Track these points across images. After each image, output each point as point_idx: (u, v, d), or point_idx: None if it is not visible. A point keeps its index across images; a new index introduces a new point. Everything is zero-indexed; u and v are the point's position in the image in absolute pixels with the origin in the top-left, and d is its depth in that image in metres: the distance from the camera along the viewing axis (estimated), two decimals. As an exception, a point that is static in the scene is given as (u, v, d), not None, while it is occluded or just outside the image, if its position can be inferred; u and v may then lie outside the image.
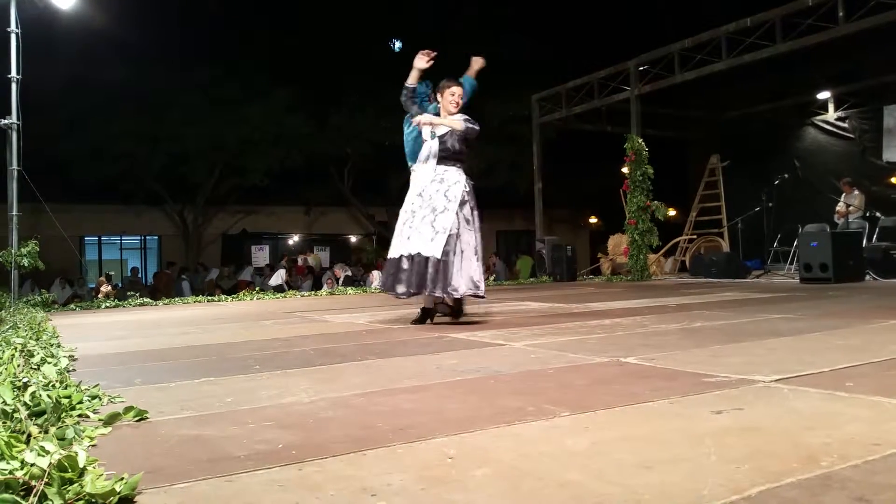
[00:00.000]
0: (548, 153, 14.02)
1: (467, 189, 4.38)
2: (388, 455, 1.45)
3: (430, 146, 4.46)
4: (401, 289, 4.26)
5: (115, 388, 2.30)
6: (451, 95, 4.42)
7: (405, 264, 4.27)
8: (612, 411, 1.78)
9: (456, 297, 4.29)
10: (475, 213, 4.40)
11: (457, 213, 4.26)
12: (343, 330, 4.27)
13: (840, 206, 9.95)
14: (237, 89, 17.66)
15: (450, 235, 4.21)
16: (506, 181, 19.61)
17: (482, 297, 4.35)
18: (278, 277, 13.90)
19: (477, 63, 4.82)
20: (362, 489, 1.23)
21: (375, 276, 12.57)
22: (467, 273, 4.22)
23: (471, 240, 4.29)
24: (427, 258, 4.20)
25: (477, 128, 4.46)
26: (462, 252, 4.23)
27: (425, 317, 4.43)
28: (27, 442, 1.44)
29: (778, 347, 2.83)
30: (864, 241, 8.85)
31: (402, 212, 4.50)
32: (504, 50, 18.88)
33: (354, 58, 18.07)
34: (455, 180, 4.36)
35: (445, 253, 4.18)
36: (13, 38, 8.00)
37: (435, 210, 4.28)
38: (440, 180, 4.36)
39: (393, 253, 4.40)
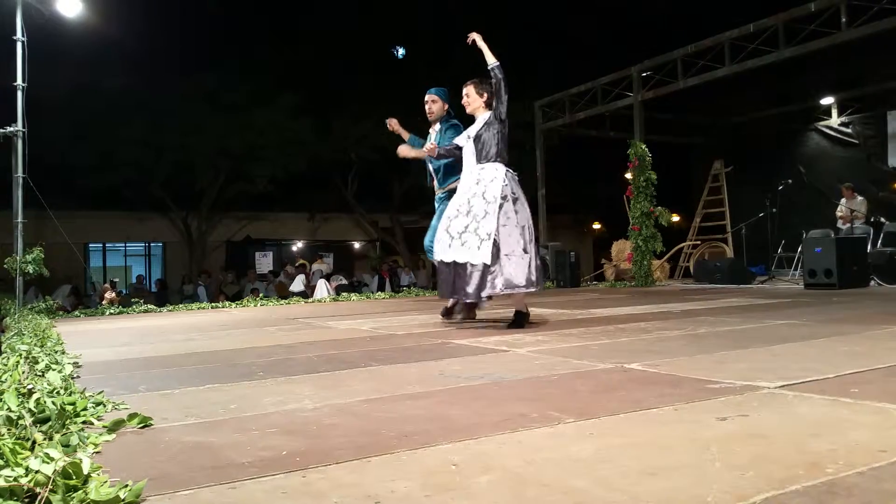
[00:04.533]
0: (551, 159, 14.03)
1: (506, 183, 4.29)
2: (393, 462, 1.45)
3: (469, 148, 4.47)
4: (445, 291, 4.40)
5: (119, 395, 2.31)
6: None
7: (450, 272, 4.30)
8: (616, 418, 1.77)
9: (518, 293, 4.24)
10: (519, 204, 4.31)
11: (497, 215, 4.19)
12: (347, 336, 4.27)
13: (841, 212, 9.93)
14: (241, 96, 17.73)
15: (495, 240, 4.15)
16: (509, 187, 19.60)
17: (535, 289, 4.29)
18: (299, 283, 13.92)
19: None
20: (366, 496, 1.23)
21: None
22: (521, 270, 4.18)
23: (517, 236, 4.22)
24: (475, 265, 4.16)
25: (451, 147, 4.63)
26: (512, 250, 4.18)
27: (469, 311, 4.70)
28: (32, 449, 1.45)
29: (783, 353, 2.83)
30: (869, 247, 8.83)
31: (445, 216, 4.44)
32: (507, 56, 18.95)
33: (358, 63, 18.12)
34: (491, 178, 4.30)
35: (495, 256, 4.13)
36: (19, 46, 8.04)
37: (477, 217, 4.21)
38: (476, 181, 4.33)
39: (444, 257, 4.35)
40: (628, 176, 10.67)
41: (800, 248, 9.07)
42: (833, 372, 2.28)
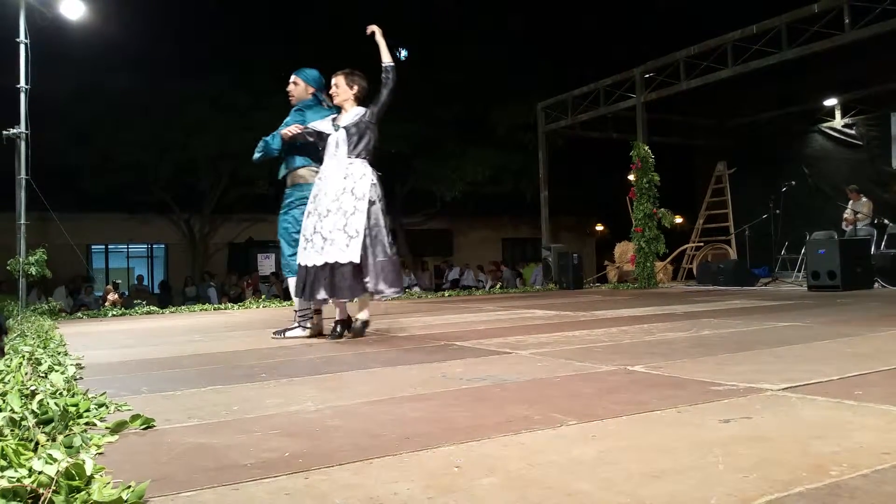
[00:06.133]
0: (554, 161, 14.03)
1: (374, 181, 4.17)
2: (395, 464, 1.44)
3: (336, 138, 4.22)
4: (321, 294, 4.04)
5: (121, 397, 2.31)
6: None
7: (321, 274, 4.03)
8: (619, 420, 1.77)
9: (384, 298, 4.17)
10: (382, 205, 4.19)
11: (367, 212, 4.06)
12: (349, 338, 4.27)
13: (847, 214, 9.91)
14: (243, 97, 17.75)
15: (364, 237, 4.01)
16: (512, 189, 19.62)
17: (398, 294, 4.23)
18: None
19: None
20: (369, 498, 1.23)
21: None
22: (389, 273, 4.06)
23: (385, 237, 4.11)
24: (344, 265, 3.97)
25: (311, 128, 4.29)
26: (379, 251, 4.06)
27: (344, 329, 4.24)
28: (35, 450, 1.45)
29: (786, 355, 2.82)
30: (873, 249, 8.81)
31: (307, 212, 4.22)
32: (510, 58, 18.97)
33: (359, 64, 18.16)
34: (361, 174, 4.14)
35: (363, 257, 3.99)
36: (22, 48, 8.06)
37: (346, 213, 4.04)
38: (344, 176, 4.13)
39: (304, 260, 4.11)
40: (631, 178, 10.66)
41: (803, 250, 9.06)
42: (837, 374, 2.28)
